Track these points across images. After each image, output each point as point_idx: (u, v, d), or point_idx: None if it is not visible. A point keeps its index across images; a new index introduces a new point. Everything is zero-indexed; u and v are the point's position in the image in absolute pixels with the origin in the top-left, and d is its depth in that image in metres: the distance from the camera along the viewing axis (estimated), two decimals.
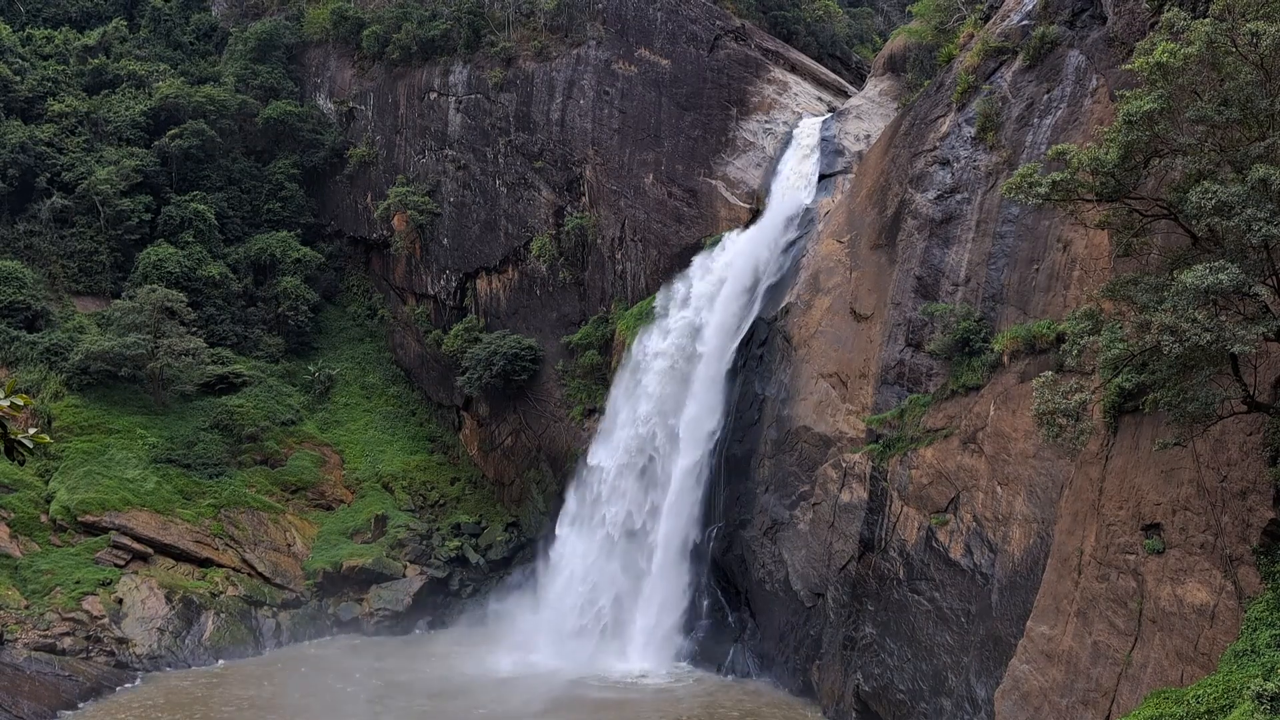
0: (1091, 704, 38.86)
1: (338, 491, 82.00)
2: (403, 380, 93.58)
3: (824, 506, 59.00)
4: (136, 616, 66.58)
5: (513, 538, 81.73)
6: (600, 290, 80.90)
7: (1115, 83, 44.78)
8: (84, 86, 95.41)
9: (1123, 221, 36.70)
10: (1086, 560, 40.63)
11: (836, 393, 60.16)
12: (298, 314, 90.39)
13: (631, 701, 60.41)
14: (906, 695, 52.03)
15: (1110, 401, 39.44)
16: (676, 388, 69.63)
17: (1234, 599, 34.44)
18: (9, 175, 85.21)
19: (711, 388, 67.74)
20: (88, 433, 75.54)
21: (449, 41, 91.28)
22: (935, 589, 50.97)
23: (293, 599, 73.16)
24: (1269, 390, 34.59)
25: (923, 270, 55.14)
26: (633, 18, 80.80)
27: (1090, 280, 44.57)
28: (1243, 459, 35.04)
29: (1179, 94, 33.57)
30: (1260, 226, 30.45)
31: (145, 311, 77.96)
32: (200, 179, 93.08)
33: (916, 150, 57.49)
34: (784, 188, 71.13)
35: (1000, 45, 54.03)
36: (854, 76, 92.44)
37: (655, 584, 67.85)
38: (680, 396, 69.15)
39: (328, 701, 60.35)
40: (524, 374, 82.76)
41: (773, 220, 69.81)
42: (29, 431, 14.83)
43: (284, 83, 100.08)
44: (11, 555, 66.78)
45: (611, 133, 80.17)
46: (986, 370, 49.98)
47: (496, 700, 60.23)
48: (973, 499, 49.25)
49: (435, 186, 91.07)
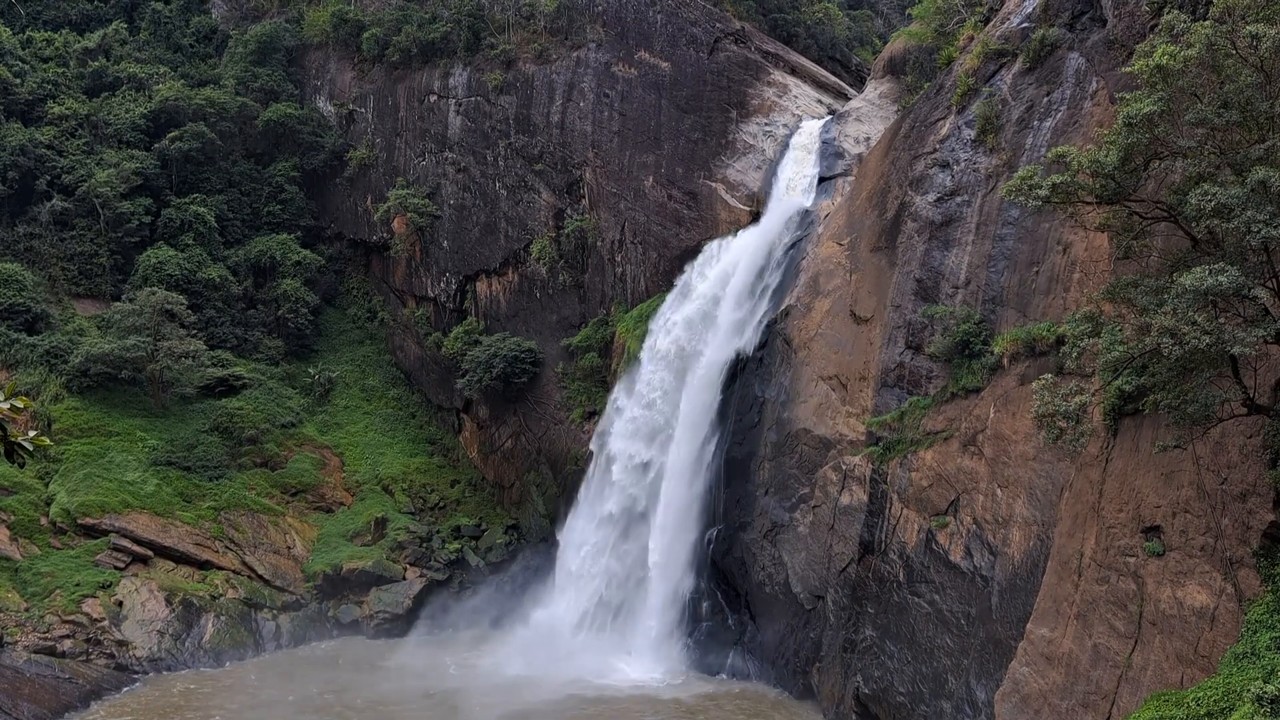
0: (1091, 706, 38.84)
1: (338, 494, 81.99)
2: (403, 383, 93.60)
3: (824, 509, 58.99)
4: (136, 619, 66.55)
5: (513, 540, 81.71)
6: (600, 293, 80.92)
7: (1115, 85, 44.82)
8: (84, 89, 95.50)
9: (1123, 224, 36.72)
10: (1086, 563, 40.62)
11: (836, 395, 60.16)
12: (298, 316, 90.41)
13: (632, 704, 60.38)
14: (906, 698, 52.01)
15: (1110, 404, 39.44)
16: (676, 390, 69.63)
17: (1234, 601, 34.43)
18: (9, 178, 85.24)
19: (711, 390, 67.74)
20: (88, 435, 75.53)
21: (449, 44, 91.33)
22: (935, 591, 50.96)
23: (293, 601, 73.12)
24: (1269, 393, 34.58)
25: (923, 272, 55.15)
26: (633, 20, 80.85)
27: (1090, 283, 44.58)
28: (1243, 461, 35.04)
29: (1179, 96, 33.60)
30: (1260, 229, 30.46)
31: (145, 314, 77.96)
32: (200, 181, 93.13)
33: (916, 153, 57.51)
34: (784, 190, 71.13)
35: (1000, 48, 54.06)
36: (854, 79, 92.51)
37: (655, 587, 67.82)
38: (679, 399, 69.15)
39: (327, 704, 60.32)
40: (524, 376, 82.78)
41: (772, 223, 69.81)
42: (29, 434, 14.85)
43: (284, 85, 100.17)
44: (11, 558, 66.75)
45: (611, 135, 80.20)
46: (986, 373, 49.98)
47: (496, 703, 60.16)
48: (973, 501, 49.24)
49: (435, 189, 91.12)
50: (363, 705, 60.22)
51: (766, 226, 70.07)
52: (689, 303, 71.54)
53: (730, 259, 70.56)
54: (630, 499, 70.92)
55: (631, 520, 70.69)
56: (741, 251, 70.27)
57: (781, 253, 68.27)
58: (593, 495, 73.51)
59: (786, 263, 67.53)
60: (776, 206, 70.62)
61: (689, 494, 67.58)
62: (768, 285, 67.86)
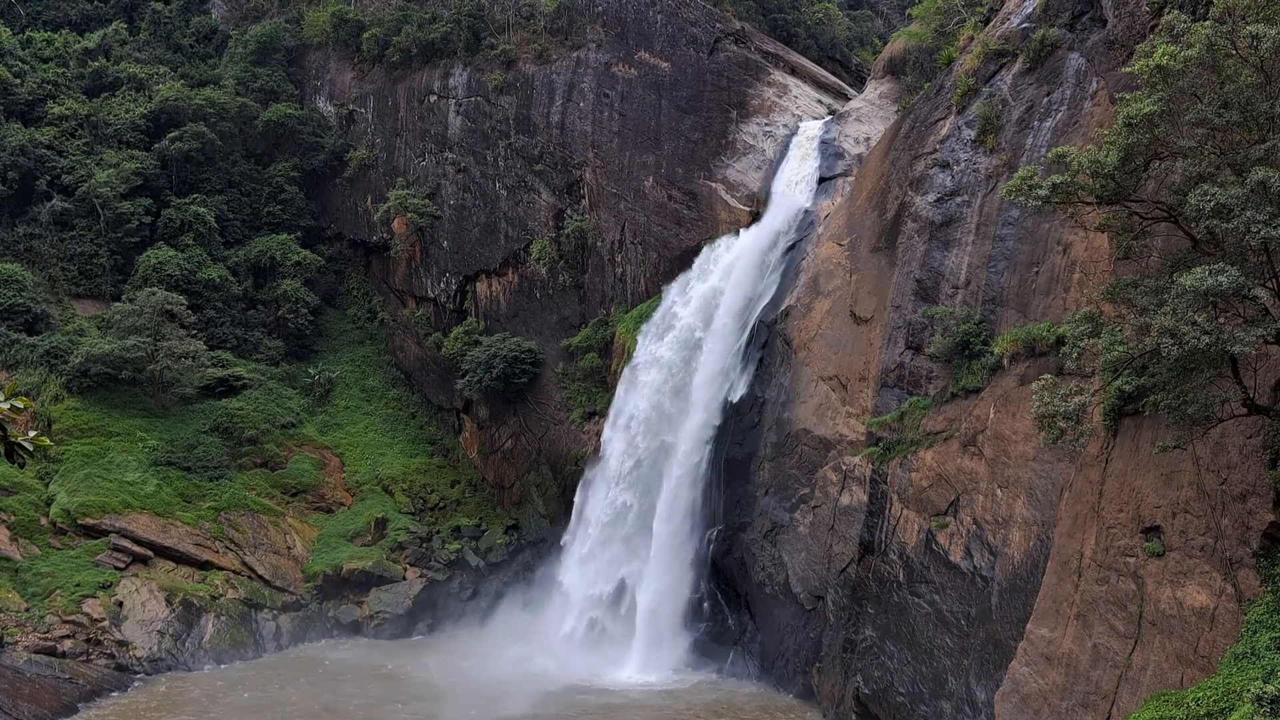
0: (1091, 707, 38.84)
1: (338, 494, 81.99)
2: (403, 383, 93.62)
3: (824, 509, 59.00)
4: (136, 619, 66.54)
5: (513, 540, 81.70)
6: (600, 293, 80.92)
7: (1115, 85, 44.82)
8: (84, 89, 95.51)
9: (1123, 224, 36.71)
10: (1086, 563, 40.62)
11: (836, 395, 60.17)
12: (298, 317, 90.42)
13: (631, 704, 60.38)
14: (906, 698, 52.01)
15: (1110, 404, 39.44)
16: (676, 390, 69.61)
17: (1234, 602, 34.43)
18: (9, 178, 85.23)
19: (711, 390, 67.70)
20: (88, 435, 75.53)
21: (449, 44, 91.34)
22: (935, 592, 50.96)
23: (293, 602, 73.12)
24: (1269, 393, 34.57)
25: (923, 273, 55.15)
26: (633, 20, 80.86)
27: (1090, 283, 44.58)
28: (1243, 462, 35.04)
29: (1179, 97, 33.59)
30: (1260, 229, 30.46)
31: (145, 314, 77.93)
32: (200, 182, 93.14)
33: (916, 153, 57.51)
34: (784, 190, 71.12)
35: (1000, 48, 54.06)
36: (854, 79, 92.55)
37: (655, 587, 67.79)
38: (680, 399, 69.13)
39: (327, 704, 60.30)
40: (524, 377, 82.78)
41: (772, 223, 69.81)
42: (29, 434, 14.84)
43: (284, 85, 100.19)
44: (11, 558, 66.74)
45: (611, 135, 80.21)
46: (986, 373, 49.98)
47: (495, 703, 60.13)
48: (973, 502, 49.24)
49: (435, 189, 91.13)
50: (363, 705, 60.20)
51: (766, 227, 70.06)
52: (689, 303, 71.49)
53: (730, 259, 70.53)
54: (630, 499, 70.91)
55: (632, 520, 70.66)
56: (741, 252, 70.25)
57: (781, 253, 68.28)
58: (593, 495, 73.48)
59: (786, 263, 67.54)
60: (777, 207, 70.62)
61: (689, 495, 67.56)
62: (767, 285, 67.85)
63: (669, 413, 69.89)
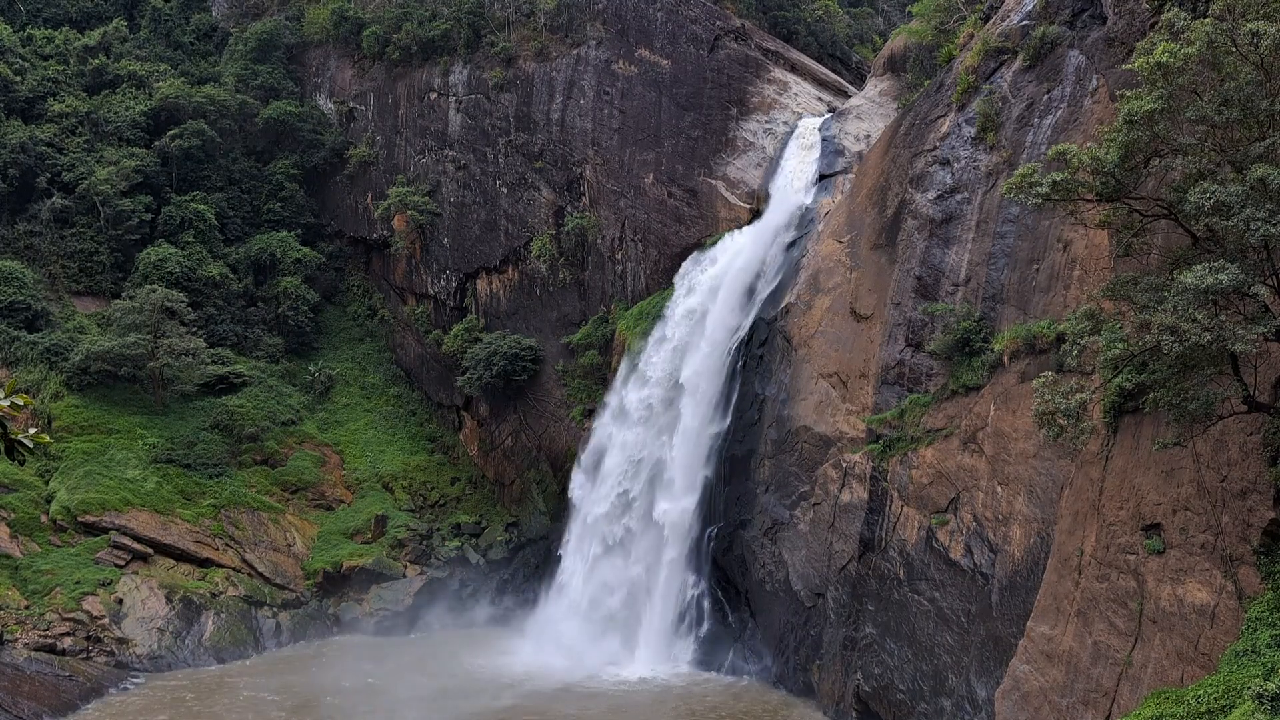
0: (1092, 704, 38.86)
1: (338, 492, 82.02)
2: (403, 380, 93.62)
3: (824, 506, 59.01)
4: (137, 617, 66.58)
5: (513, 538, 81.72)
6: (600, 290, 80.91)
7: (1115, 83, 44.78)
8: (84, 87, 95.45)
9: (1123, 221, 36.69)
10: (1087, 560, 40.62)
11: (837, 393, 60.16)
12: (298, 314, 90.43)
13: (631, 701, 60.42)
14: (907, 695, 52.04)
15: (1110, 401, 39.43)
16: (675, 389, 69.61)
17: (1234, 599, 34.43)
18: (9, 175, 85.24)
19: (711, 388, 67.70)
20: (88, 433, 75.55)
21: (449, 42, 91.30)
22: (935, 589, 50.97)
23: (293, 599, 73.16)
24: (1269, 390, 34.57)
25: (923, 270, 55.14)
26: (633, 18, 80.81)
27: (1090, 280, 44.57)
28: (1243, 459, 35.03)
29: (1179, 94, 33.57)
30: (1259, 226, 30.45)
31: (145, 311, 77.95)
32: (200, 179, 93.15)
33: (917, 150, 57.49)
34: (784, 188, 71.11)
35: (1000, 45, 54.03)
36: (854, 76, 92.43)
37: (656, 585, 67.83)
38: (679, 397, 69.13)
39: (327, 701, 60.33)
40: (524, 374, 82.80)
41: (773, 220, 69.80)
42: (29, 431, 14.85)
43: (284, 83, 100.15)
44: (12, 555, 66.79)
45: (611, 133, 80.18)
46: (986, 370, 49.97)
47: (494, 700, 60.23)
48: (973, 499, 49.25)
49: (435, 186, 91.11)
50: (363, 703, 60.24)
51: (767, 224, 70.04)
52: (689, 300, 71.48)
53: (730, 256, 70.53)
54: (631, 497, 70.91)
55: (632, 518, 70.66)
56: (741, 249, 70.24)
57: (782, 250, 68.25)
58: (593, 493, 73.47)
59: (786, 260, 67.51)
60: (777, 204, 70.61)
61: (689, 492, 67.54)
62: (767, 283, 67.83)
63: (670, 409, 69.89)
